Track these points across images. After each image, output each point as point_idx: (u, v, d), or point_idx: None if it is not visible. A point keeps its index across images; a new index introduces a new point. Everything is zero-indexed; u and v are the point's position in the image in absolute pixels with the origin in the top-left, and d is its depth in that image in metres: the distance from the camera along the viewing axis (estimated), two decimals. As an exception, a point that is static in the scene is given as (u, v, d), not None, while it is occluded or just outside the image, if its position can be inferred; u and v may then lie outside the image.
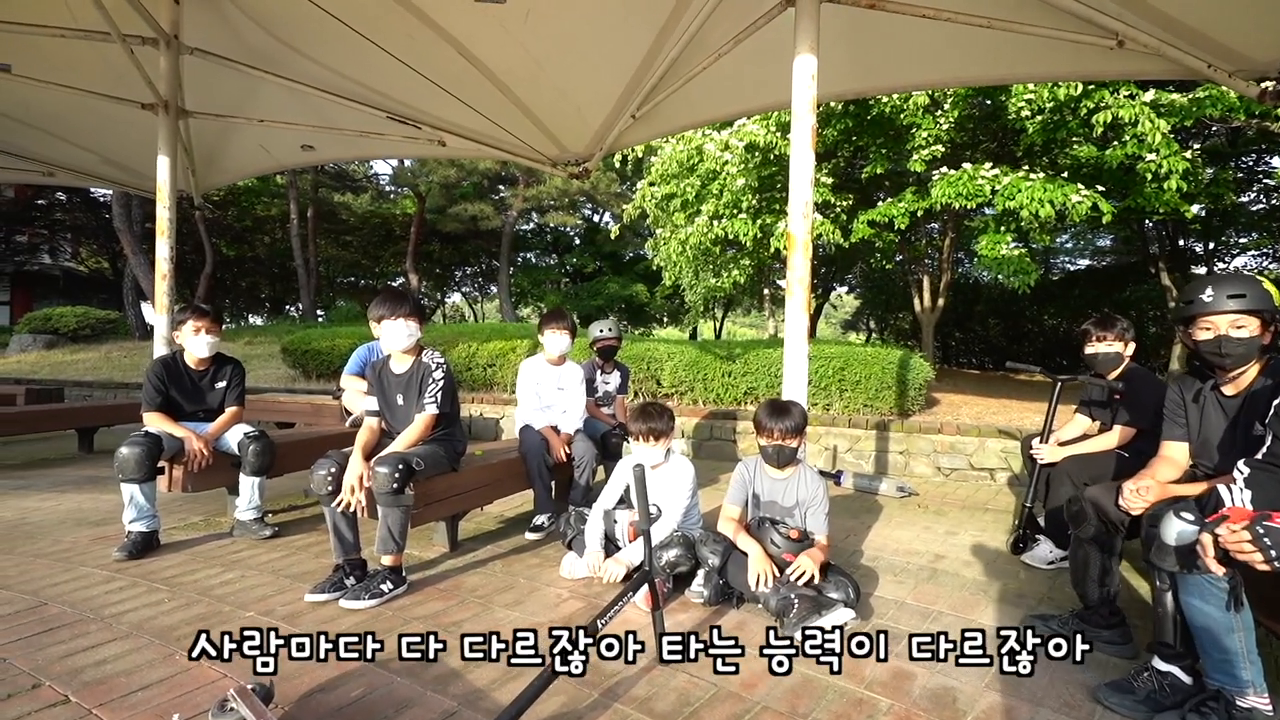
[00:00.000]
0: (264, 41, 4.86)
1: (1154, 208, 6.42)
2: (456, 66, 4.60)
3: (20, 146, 6.49)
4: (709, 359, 7.01)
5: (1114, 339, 3.15)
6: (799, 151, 3.06)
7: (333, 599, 2.48)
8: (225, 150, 6.55)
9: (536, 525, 3.48)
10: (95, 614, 2.32)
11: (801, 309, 3.03)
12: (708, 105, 4.95)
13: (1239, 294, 2.01)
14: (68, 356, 11.74)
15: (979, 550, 3.37)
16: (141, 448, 2.99)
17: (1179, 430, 2.29)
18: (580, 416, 3.87)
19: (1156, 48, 3.59)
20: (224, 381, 3.48)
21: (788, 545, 2.50)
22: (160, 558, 2.98)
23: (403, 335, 2.80)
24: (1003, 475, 5.13)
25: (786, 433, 2.63)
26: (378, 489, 2.51)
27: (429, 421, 2.80)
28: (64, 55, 4.94)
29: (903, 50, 4.12)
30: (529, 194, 19.67)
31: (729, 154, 7.39)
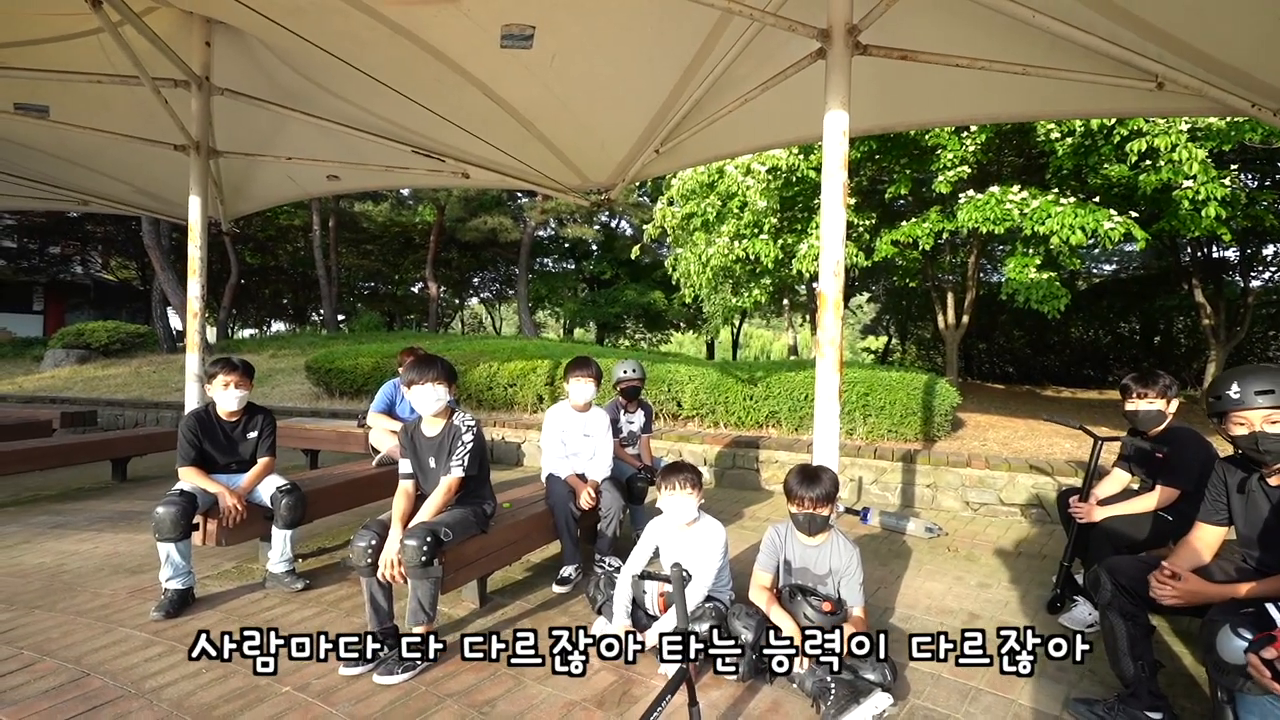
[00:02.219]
0: (292, 80, 4.92)
1: (1190, 231, 6.25)
2: (482, 106, 4.62)
3: (57, 178, 6.64)
4: (730, 381, 6.98)
5: (1155, 396, 3.07)
6: (830, 208, 3.01)
7: (366, 671, 2.49)
8: (253, 179, 6.64)
9: (564, 578, 3.47)
10: (136, 689, 2.35)
11: (833, 370, 2.98)
12: (732, 140, 4.92)
13: (1267, 390, 1.97)
14: (100, 371, 12.01)
15: (1015, 609, 3.30)
16: (177, 507, 3.03)
17: (1218, 516, 2.23)
18: (609, 463, 3.86)
19: (1198, 89, 3.49)
20: (255, 432, 3.52)
21: (820, 619, 2.47)
22: (197, 616, 3.02)
23: (431, 400, 2.81)
24: (1033, 511, 5.03)
25: (818, 501, 2.60)
26: (407, 562, 2.52)
27: (454, 485, 2.81)
28: (99, 98, 5.04)
29: (934, 90, 4.05)
30: (547, 206, 19.73)
31: (751, 179, 7.34)
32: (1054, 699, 2.43)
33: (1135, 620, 2.26)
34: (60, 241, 20.88)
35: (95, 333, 13.04)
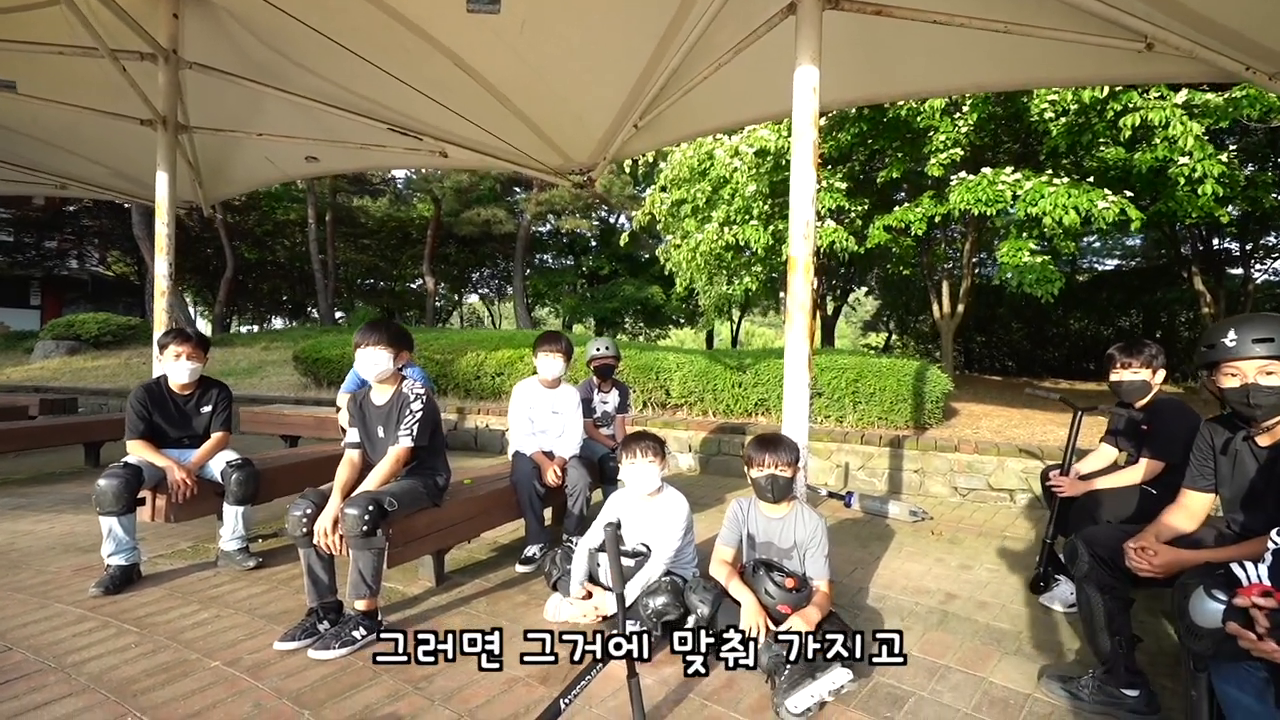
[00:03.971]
0: (264, 55, 4.80)
1: (1187, 212, 6.10)
2: (454, 78, 4.50)
3: (32, 160, 6.54)
4: (719, 369, 6.84)
5: (1140, 366, 2.93)
6: (800, 168, 2.88)
7: (302, 647, 2.37)
8: (231, 162, 6.53)
9: (527, 557, 3.35)
10: (57, 663, 2.24)
11: (802, 336, 2.85)
12: (711, 114, 4.79)
13: (1266, 338, 1.80)
14: (89, 363, 11.92)
15: (995, 589, 3.16)
16: (120, 480, 2.91)
17: (1203, 481, 2.09)
18: (578, 441, 3.73)
19: (1189, 50, 3.34)
20: (210, 405, 3.41)
21: (783, 596, 2.33)
22: (138, 593, 2.91)
23: (371, 364, 2.68)
24: (1023, 497, 4.89)
25: (779, 461, 2.48)
26: (347, 531, 2.40)
27: (401, 455, 2.68)
28: (68, 72, 4.93)
29: (917, 55, 3.90)
30: (542, 198, 19.62)
31: (739, 160, 7.20)
32: (1027, 677, 2.30)
33: (1113, 594, 2.13)
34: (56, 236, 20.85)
35: (85, 324, 12.95)
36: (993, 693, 2.19)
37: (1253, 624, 1.35)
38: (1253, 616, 1.35)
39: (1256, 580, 1.42)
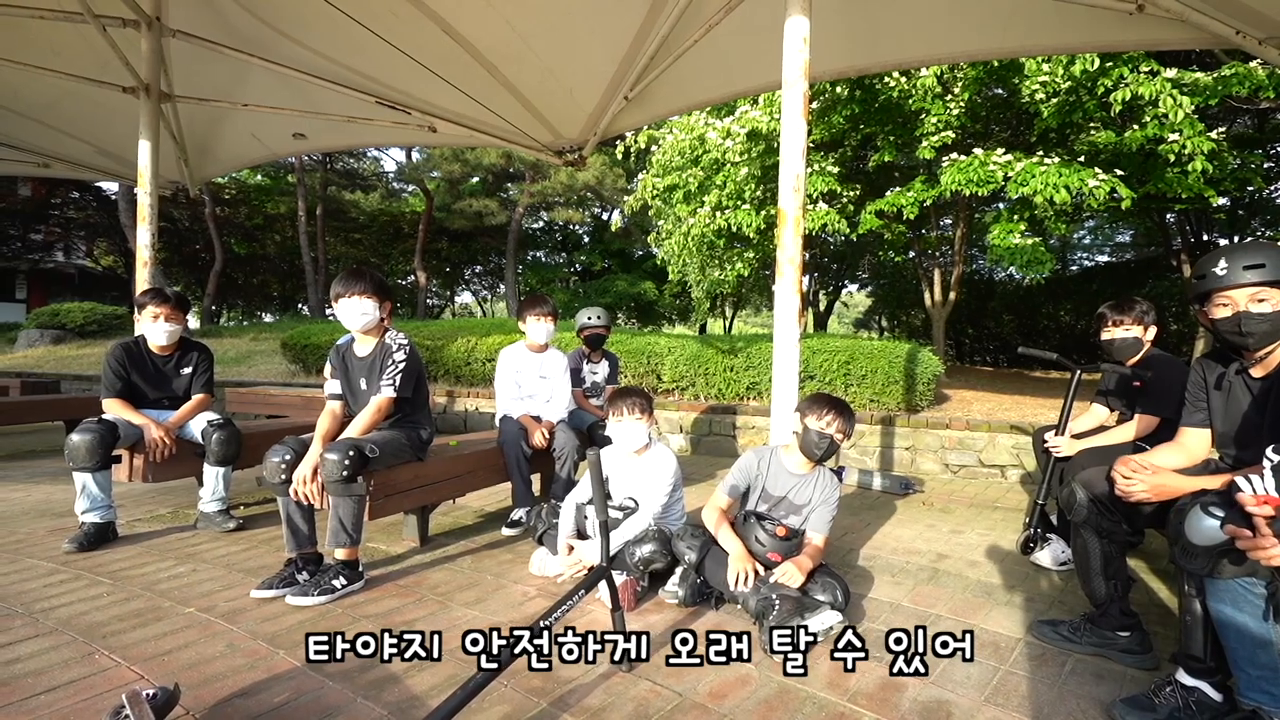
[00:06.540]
0: (249, 25, 4.73)
1: (1176, 193, 6.11)
2: (442, 46, 4.45)
3: (14, 137, 6.44)
4: (710, 353, 6.80)
5: (1132, 323, 2.92)
6: (790, 120, 2.85)
7: (280, 595, 2.31)
8: (218, 139, 6.45)
9: (514, 520, 3.30)
10: (25, 609, 2.17)
11: (793, 290, 2.82)
12: (701, 86, 4.76)
13: (1257, 264, 1.75)
14: (74, 352, 11.76)
15: (986, 550, 3.14)
16: (94, 435, 2.85)
17: (1198, 416, 2.05)
18: (565, 406, 3.69)
19: (1179, 12, 3.35)
20: (190, 368, 3.33)
21: (773, 544, 2.29)
22: (113, 550, 2.84)
23: (356, 314, 2.62)
24: (1014, 473, 4.88)
25: (843, 428, 2.39)
26: (326, 477, 2.34)
27: (384, 405, 2.62)
28: (48, 39, 4.85)
29: (905, 21, 3.89)
30: (534, 189, 19.54)
31: (731, 141, 7.18)
32: (1018, 624, 2.27)
33: (1112, 537, 2.10)
34: (42, 228, 20.58)
35: (71, 313, 12.77)
36: (984, 637, 2.15)
37: (1254, 529, 1.32)
38: (1255, 524, 1.32)
39: (1264, 492, 1.38)
